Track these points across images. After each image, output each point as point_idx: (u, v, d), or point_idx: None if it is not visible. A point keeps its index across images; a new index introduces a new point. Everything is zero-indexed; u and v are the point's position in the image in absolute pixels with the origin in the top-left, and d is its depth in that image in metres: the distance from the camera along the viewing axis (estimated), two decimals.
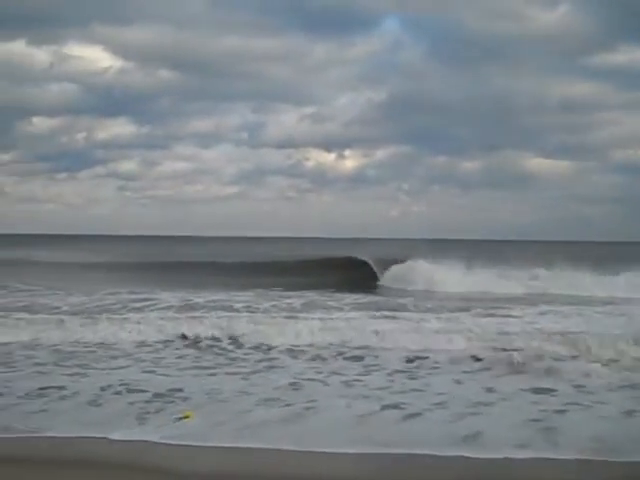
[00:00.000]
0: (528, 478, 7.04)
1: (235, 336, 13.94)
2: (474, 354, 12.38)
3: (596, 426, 8.38)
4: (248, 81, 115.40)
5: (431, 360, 12.19)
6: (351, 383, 10.64)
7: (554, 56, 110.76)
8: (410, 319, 17.05)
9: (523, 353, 12.26)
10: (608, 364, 11.61)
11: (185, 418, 8.62)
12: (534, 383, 10.59)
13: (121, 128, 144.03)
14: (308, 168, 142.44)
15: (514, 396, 9.83)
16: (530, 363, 11.70)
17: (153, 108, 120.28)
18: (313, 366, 11.92)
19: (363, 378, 11.00)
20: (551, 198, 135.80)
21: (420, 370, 11.61)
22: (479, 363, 11.92)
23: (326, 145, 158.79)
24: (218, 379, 10.91)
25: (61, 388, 9.97)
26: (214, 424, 8.44)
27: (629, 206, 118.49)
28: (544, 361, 11.75)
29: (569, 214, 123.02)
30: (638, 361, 11.86)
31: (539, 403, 9.46)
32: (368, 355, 12.62)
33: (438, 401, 9.49)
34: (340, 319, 16.78)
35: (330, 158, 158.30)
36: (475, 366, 11.80)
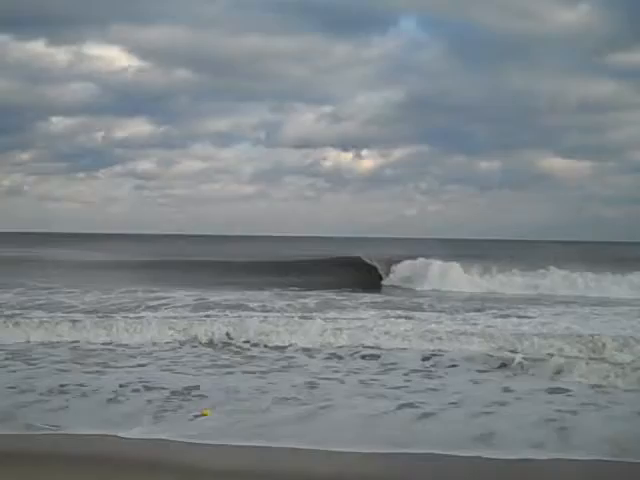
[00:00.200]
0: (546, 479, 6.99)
1: (251, 335, 13.90)
2: (490, 354, 12.31)
3: (612, 427, 8.32)
4: (266, 81, 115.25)
5: (447, 360, 12.15)
6: (368, 382, 10.64)
7: (573, 55, 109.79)
8: (426, 319, 17.03)
9: (539, 353, 12.20)
10: (624, 366, 11.49)
11: (203, 416, 8.65)
12: (550, 384, 10.55)
13: (139, 127, 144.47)
14: (325, 168, 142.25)
15: (530, 396, 9.80)
16: (546, 364, 11.61)
17: (171, 107, 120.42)
18: (330, 365, 11.92)
19: (380, 377, 11.00)
20: (569, 198, 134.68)
21: (436, 370, 11.60)
22: (495, 363, 11.86)
23: (343, 145, 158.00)
24: (235, 377, 10.94)
25: (81, 385, 10.03)
26: (231, 422, 8.46)
27: None
28: (560, 362, 11.63)
29: (587, 214, 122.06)
30: None
31: (554, 403, 9.41)
32: (384, 354, 12.58)
33: (454, 400, 9.47)
34: (356, 319, 16.80)
35: (347, 158, 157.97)
36: (491, 366, 11.76)
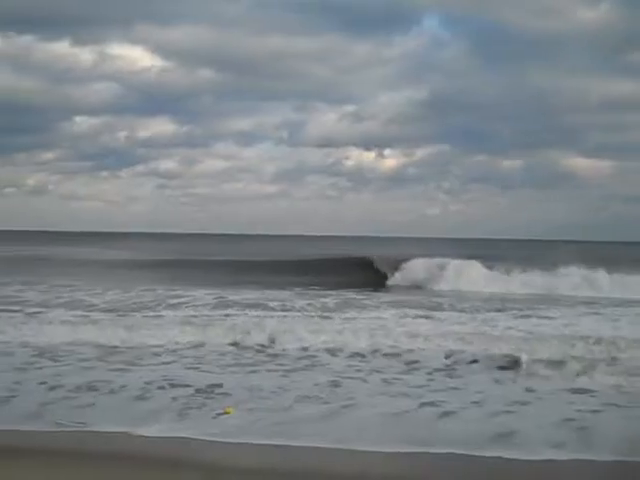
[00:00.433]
0: None
1: (275, 334, 13.91)
2: (512, 354, 12.26)
3: (634, 427, 8.31)
4: (288, 80, 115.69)
5: (469, 360, 12.15)
6: (390, 381, 10.68)
7: (594, 54, 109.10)
8: (446, 319, 17.03)
9: (560, 354, 12.18)
10: None
11: (226, 414, 8.73)
12: (572, 384, 10.54)
13: (162, 127, 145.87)
14: (348, 167, 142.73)
15: (551, 396, 9.81)
16: (567, 364, 11.58)
17: (193, 107, 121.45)
18: (352, 364, 11.95)
19: (402, 377, 11.04)
20: (590, 198, 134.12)
21: (459, 369, 11.62)
22: (517, 363, 11.80)
23: (366, 144, 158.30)
24: (258, 376, 11.02)
25: (107, 383, 10.16)
26: (253, 420, 8.53)
27: None
28: (582, 362, 11.60)
29: (609, 214, 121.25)
30: None
31: (576, 403, 9.41)
32: (406, 354, 12.59)
33: (476, 400, 9.50)
34: (377, 318, 16.86)
35: (370, 157, 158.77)
36: (513, 366, 11.71)
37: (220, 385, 10.15)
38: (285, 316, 16.93)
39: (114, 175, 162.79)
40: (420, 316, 17.42)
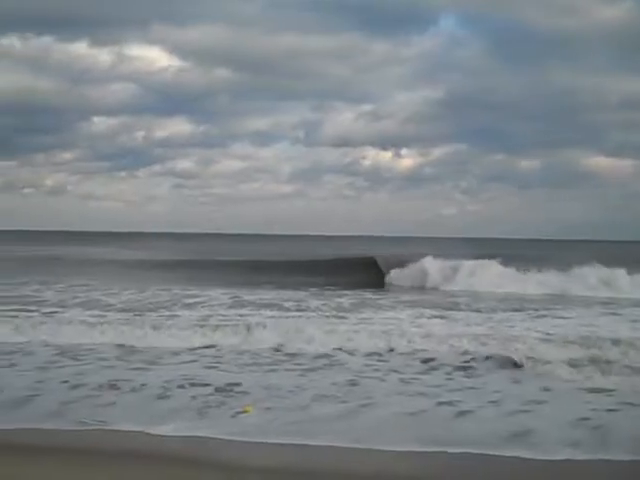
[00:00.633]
0: None
1: (291, 334, 13.94)
2: (529, 354, 12.23)
3: None
4: (305, 80, 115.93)
5: (487, 359, 12.11)
6: (408, 381, 10.72)
7: (616, 52, 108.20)
8: (462, 319, 17.02)
9: (578, 353, 12.20)
10: None
11: (244, 412, 8.79)
12: (589, 383, 10.54)
13: (179, 127, 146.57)
14: (365, 167, 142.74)
15: (569, 395, 9.82)
16: (585, 364, 11.60)
17: (210, 107, 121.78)
18: (370, 364, 11.98)
19: (420, 376, 11.07)
20: (611, 197, 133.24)
21: (476, 369, 11.60)
22: (534, 363, 11.77)
23: (383, 143, 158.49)
24: (277, 375, 11.09)
25: (127, 382, 10.25)
26: (271, 419, 8.59)
27: None
28: (599, 363, 11.60)
29: (630, 213, 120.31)
30: None
31: (593, 402, 9.40)
32: (424, 354, 12.59)
33: (493, 399, 9.52)
34: (394, 318, 16.89)
35: (387, 156, 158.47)
36: (530, 366, 11.68)
37: (239, 384, 10.21)
38: (300, 316, 16.97)
39: (132, 175, 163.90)
40: (436, 316, 17.44)
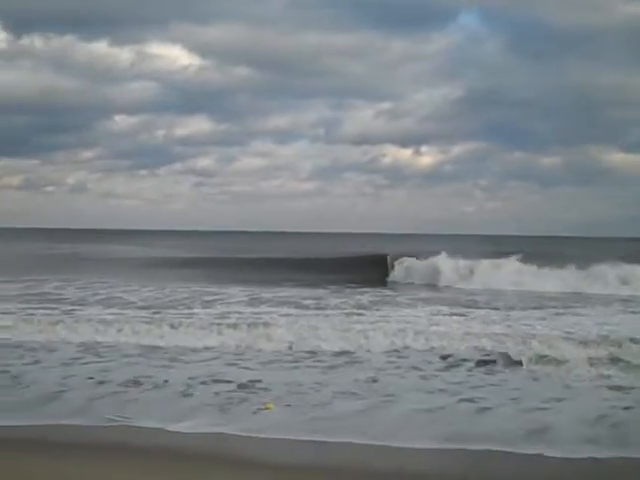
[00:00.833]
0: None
1: (311, 332, 13.93)
2: (547, 352, 12.18)
3: None
4: (325, 78, 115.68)
5: (506, 356, 12.05)
6: (428, 378, 10.75)
7: (636, 48, 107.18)
8: (482, 316, 17.00)
9: (597, 351, 12.15)
10: None
11: (266, 409, 8.85)
12: (609, 381, 10.51)
13: (199, 125, 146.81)
14: (384, 164, 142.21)
15: (590, 393, 9.82)
16: (605, 362, 11.57)
17: (230, 105, 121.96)
18: (391, 361, 12.00)
19: (440, 373, 11.10)
20: (633, 194, 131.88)
21: (496, 366, 11.56)
22: (553, 360, 11.72)
23: (402, 141, 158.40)
24: (298, 372, 11.15)
25: (151, 378, 10.35)
26: (291, 416, 8.64)
27: None
28: (619, 361, 11.56)
29: None
30: None
31: (613, 400, 9.39)
32: (444, 351, 12.59)
33: (514, 396, 9.52)
34: (414, 315, 16.87)
35: (406, 154, 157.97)
36: (549, 363, 11.63)
37: (259, 381, 10.27)
38: (318, 314, 16.95)
39: (152, 173, 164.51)
40: (456, 314, 17.44)
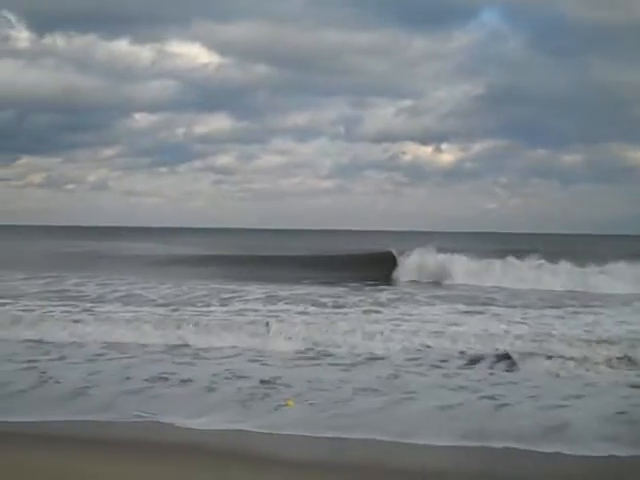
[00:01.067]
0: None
1: (331, 330, 13.92)
2: (566, 350, 12.15)
3: None
4: (345, 75, 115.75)
5: (526, 354, 12.01)
6: (450, 375, 10.80)
7: None
8: (501, 314, 16.98)
9: (616, 350, 12.11)
10: None
11: (287, 406, 8.92)
12: (628, 379, 10.55)
13: (219, 123, 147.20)
14: (405, 162, 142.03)
15: (611, 390, 9.85)
16: (623, 360, 11.57)
17: (250, 103, 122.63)
18: (411, 358, 12.03)
19: (461, 371, 11.14)
20: None
21: (516, 364, 11.54)
22: (572, 359, 11.68)
23: (423, 139, 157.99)
24: (319, 369, 11.22)
25: (174, 375, 10.48)
26: (312, 412, 8.71)
27: None
28: (638, 360, 11.56)
29: None
30: None
31: (633, 397, 9.42)
32: (463, 348, 12.58)
33: (533, 394, 9.56)
34: (433, 314, 16.90)
35: (427, 151, 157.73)
36: (569, 361, 11.58)
37: (282, 378, 10.34)
38: (337, 313, 16.93)
39: (172, 171, 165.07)
40: (474, 312, 17.37)
